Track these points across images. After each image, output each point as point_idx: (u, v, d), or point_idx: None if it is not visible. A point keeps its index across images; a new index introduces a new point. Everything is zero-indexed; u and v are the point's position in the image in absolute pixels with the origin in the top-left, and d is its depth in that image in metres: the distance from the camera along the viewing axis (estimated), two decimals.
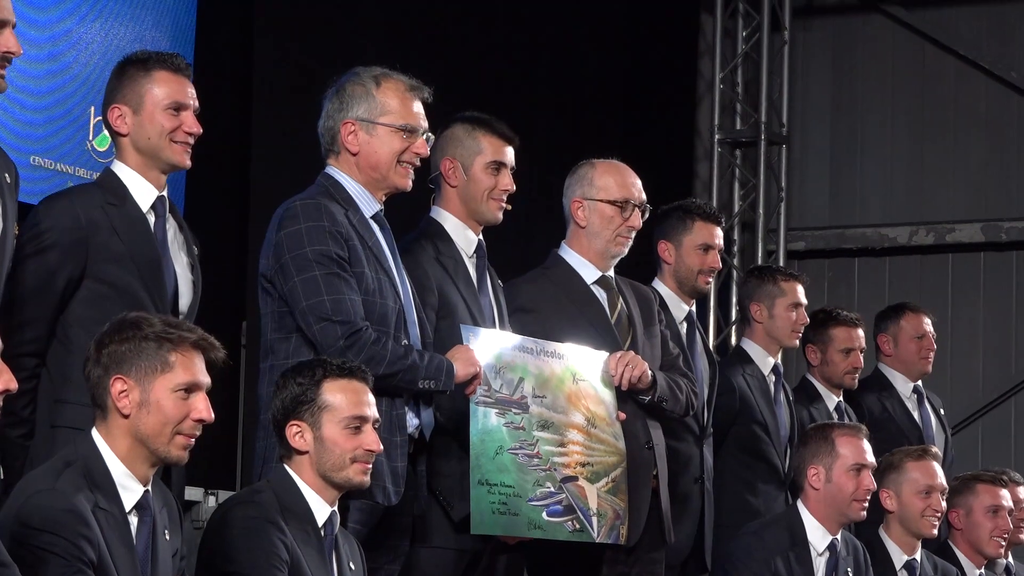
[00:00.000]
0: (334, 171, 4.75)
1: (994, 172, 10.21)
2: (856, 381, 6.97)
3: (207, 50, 7.15)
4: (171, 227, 4.44)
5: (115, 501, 3.55)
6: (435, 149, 5.09)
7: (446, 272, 4.98)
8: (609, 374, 5.13)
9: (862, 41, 10.64)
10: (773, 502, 6.32)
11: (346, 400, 4.20)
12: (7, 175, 4.08)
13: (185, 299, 4.44)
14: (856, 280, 10.22)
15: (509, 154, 5.14)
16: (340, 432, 4.16)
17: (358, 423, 4.19)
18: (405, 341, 4.67)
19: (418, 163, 4.86)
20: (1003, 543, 6.54)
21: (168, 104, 4.35)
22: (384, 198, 4.81)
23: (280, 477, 4.24)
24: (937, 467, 6.16)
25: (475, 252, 5.12)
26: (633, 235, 5.41)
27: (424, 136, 4.81)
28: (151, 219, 4.37)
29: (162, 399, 3.62)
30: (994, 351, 9.92)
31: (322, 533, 4.23)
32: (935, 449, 6.41)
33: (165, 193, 4.42)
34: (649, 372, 5.22)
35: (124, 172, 4.38)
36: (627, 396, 5.19)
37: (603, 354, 5.17)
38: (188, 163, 4.50)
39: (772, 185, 10.35)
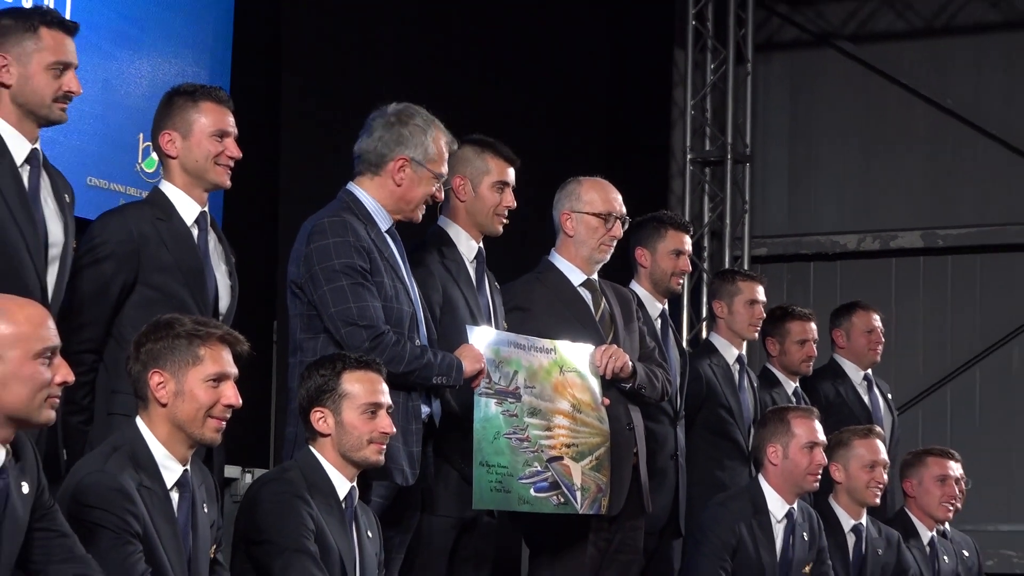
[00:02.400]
0: (356, 189, 4.79)
1: (931, 186, 10.19)
2: (811, 368, 7.03)
3: (240, 82, 7.13)
4: (211, 239, 4.48)
5: (157, 480, 3.61)
6: None
7: (449, 274, 5.03)
8: (595, 365, 5.15)
9: (816, 72, 10.63)
10: (738, 476, 6.38)
11: (363, 389, 4.25)
12: (66, 195, 4.13)
13: (224, 302, 4.49)
14: (811, 282, 10.20)
15: (511, 174, 5.19)
16: (358, 417, 4.22)
17: (374, 409, 4.24)
18: (417, 341, 4.72)
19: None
20: (951, 508, 6.59)
21: (213, 131, 4.40)
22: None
23: (306, 457, 4.28)
24: (880, 444, 6.24)
25: (476, 258, 5.16)
26: (615, 243, 5.43)
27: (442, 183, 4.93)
28: (195, 232, 4.42)
29: (195, 388, 3.68)
30: (932, 343, 9.92)
31: (343, 506, 4.28)
32: (879, 429, 6.51)
33: (207, 209, 4.42)
34: (630, 363, 5.27)
35: (171, 191, 4.42)
36: (611, 384, 5.23)
37: (589, 347, 5.21)
38: (228, 183, 4.55)
39: (737, 199, 10.32)
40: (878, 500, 6.24)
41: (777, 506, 5.81)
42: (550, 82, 9.09)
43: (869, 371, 7.29)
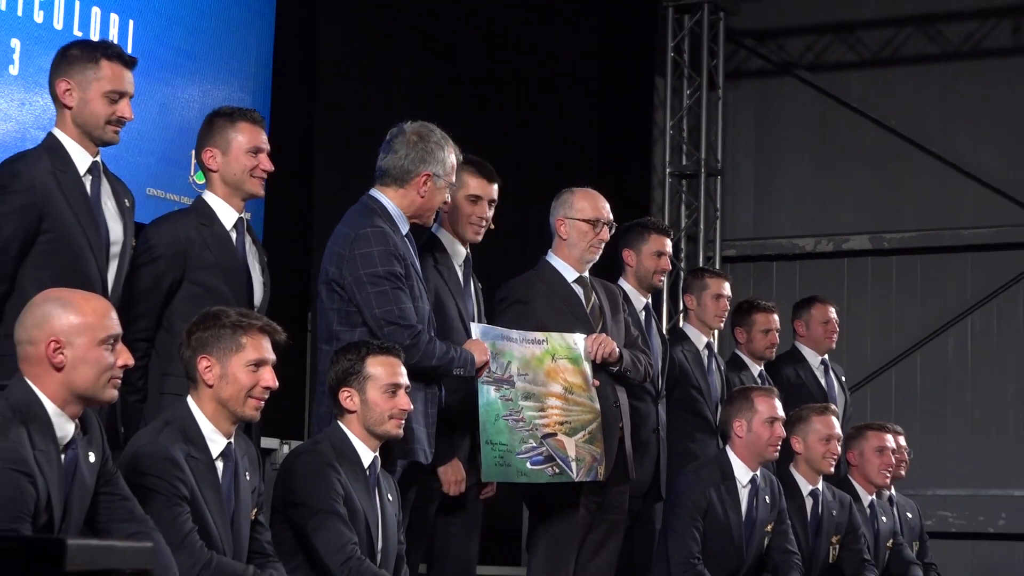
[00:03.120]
0: (381, 196, 4.76)
1: (878, 196, 10.20)
2: (774, 354, 7.05)
3: (279, 105, 7.18)
4: (247, 241, 4.48)
5: (204, 451, 3.64)
6: None
7: (441, 277, 5.05)
8: (587, 351, 5.17)
9: (777, 98, 10.63)
10: (707, 447, 6.39)
11: (384, 371, 4.28)
12: (126, 200, 4.15)
13: (259, 296, 4.51)
14: (774, 279, 10.19)
15: (488, 189, 5.17)
16: (380, 396, 4.27)
17: (394, 388, 4.27)
18: (432, 334, 4.73)
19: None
20: (888, 475, 6.63)
21: (249, 148, 4.40)
22: None
23: (335, 431, 4.32)
24: (835, 420, 6.27)
25: (463, 262, 5.16)
26: (603, 246, 5.46)
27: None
28: (233, 236, 4.44)
29: (237, 372, 3.71)
30: (879, 332, 9.93)
31: (367, 473, 4.31)
32: (834, 407, 6.53)
33: (243, 215, 4.45)
34: (617, 349, 5.29)
35: (213, 200, 4.43)
36: (600, 368, 5.23)
37: (581, 336, 5.22)
38: (262, 193, 4.60)
39: (710, 207, 10.32)
40: (832, 469, 6.26)
41: (742, 473, 5.83)
42: (547, 106, 9.08)
43: (826, 356, 7.27)
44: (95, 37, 6.16)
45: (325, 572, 4.14)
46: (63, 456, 3.28)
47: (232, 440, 3.84)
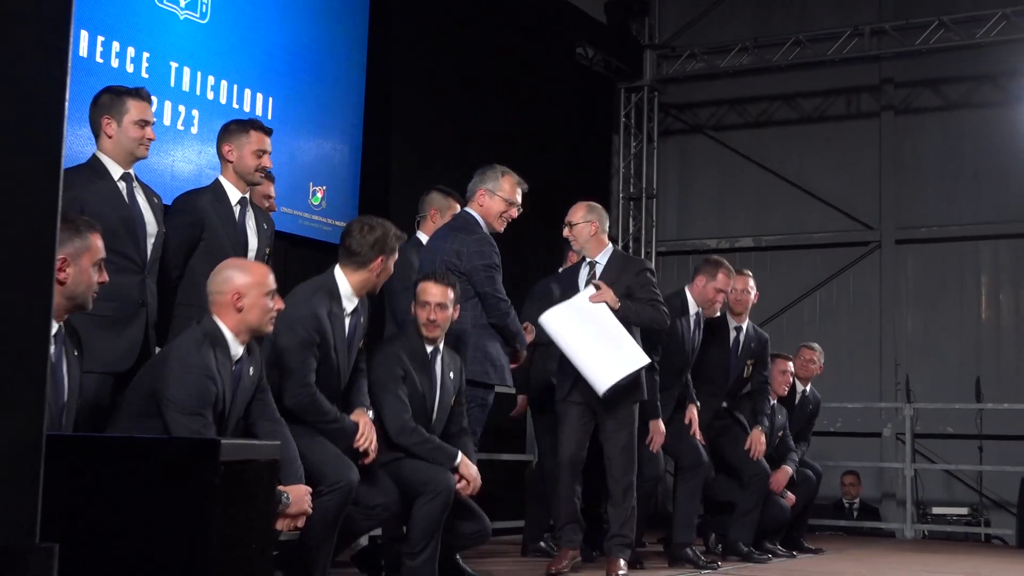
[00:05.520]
0: (471, 211, 4.49)
1: (757, 211, 10.21)
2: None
3: (368, 150, 7.04)
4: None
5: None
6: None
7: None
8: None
9: (692, 148, 10.61)
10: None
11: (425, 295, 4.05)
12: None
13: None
14: (690, 268, 10.10)
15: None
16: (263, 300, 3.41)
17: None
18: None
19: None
20: (785, 389, 6.06)
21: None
22: None
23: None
24: (735, 280, 5.55)
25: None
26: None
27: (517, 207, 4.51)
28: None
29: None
30: (758, 303, 9.98)
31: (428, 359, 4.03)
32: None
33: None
34: (617, 300, 4.48)
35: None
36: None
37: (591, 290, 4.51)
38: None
39: (648, 219, 10.32)
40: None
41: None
42: (540, 151, 8.83)
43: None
44: (247, 108, 6.18)
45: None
46: (234, 368, 3.21)
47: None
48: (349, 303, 3.77)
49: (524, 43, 8.89)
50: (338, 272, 3.79)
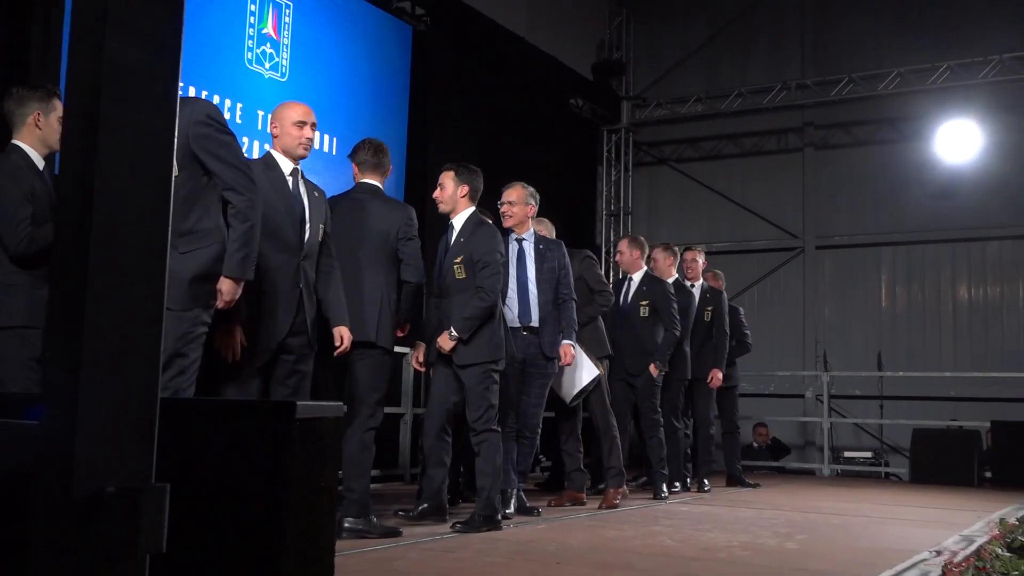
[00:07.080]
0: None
1: (709, 225, 10.15)
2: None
3: (412, 151, 6.94)
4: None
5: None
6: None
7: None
8: None
9: (659, 176, 10.55)
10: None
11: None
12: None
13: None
14: None
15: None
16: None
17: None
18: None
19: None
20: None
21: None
22: None
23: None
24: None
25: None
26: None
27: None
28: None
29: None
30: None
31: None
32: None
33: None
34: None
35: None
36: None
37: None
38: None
39: (626, 231, 10.27)
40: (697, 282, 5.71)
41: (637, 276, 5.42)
42: (537, 178, 8.81)
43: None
44: (316, 147, 5.95)
45: None
46: (288, 180, 3.16)
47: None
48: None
49: (528, 95, 8.91)
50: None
